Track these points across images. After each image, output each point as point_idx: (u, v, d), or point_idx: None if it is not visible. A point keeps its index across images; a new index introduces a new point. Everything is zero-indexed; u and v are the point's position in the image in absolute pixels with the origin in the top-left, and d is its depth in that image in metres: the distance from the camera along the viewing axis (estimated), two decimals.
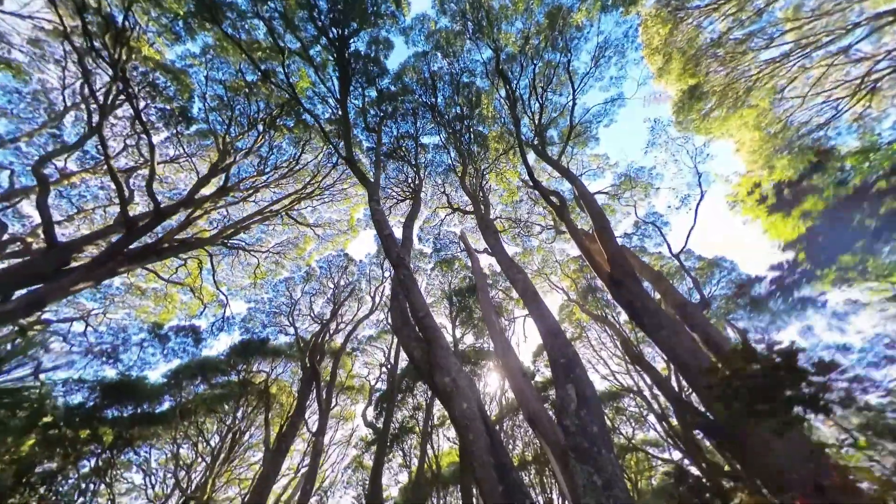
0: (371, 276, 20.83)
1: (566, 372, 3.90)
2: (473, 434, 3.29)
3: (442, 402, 3.89)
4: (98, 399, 13.23)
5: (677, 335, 4.49)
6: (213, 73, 13.02)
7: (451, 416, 3.76)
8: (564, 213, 8.34)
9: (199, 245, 9.55)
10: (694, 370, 3.94)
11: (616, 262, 6.08)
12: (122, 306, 14.33)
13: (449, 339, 22.15)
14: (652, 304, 5.16)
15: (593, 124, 14.80)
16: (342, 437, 22.43)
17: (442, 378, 3.91)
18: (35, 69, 10.75)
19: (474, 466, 2.94)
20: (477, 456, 2.98)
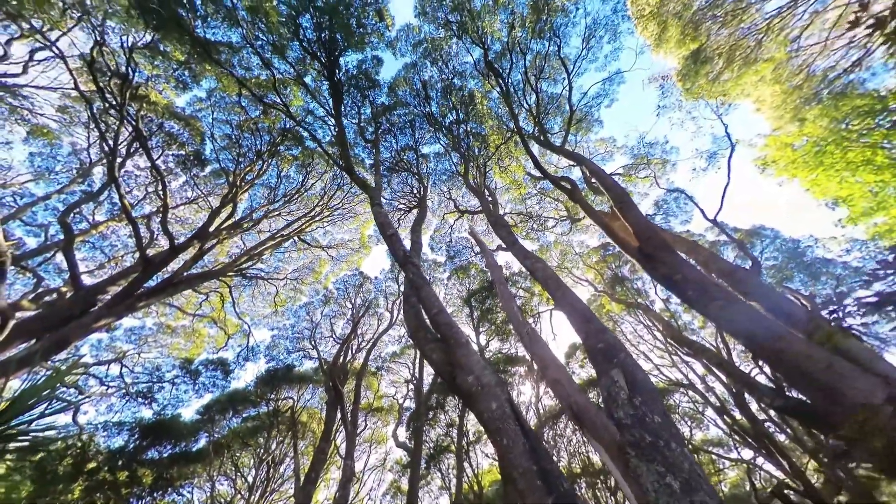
0: (388, 292, 20.69)
1: (608, 358, 3.36)
2: (507, 437, 2.80)
3: (468, 406, 3.39)
4: (137, 441, 13.53)
5: (735, 305, 3.82)
6: (220, 114, 13.81)
7: (480, 419, 3.27)
8: (577, 195, 7.82)
9: (215, 276, 9.76)
10: (765, 341, 3.27)
11: (644, 235, 5.48)
12: (154, 346, 14.83)
13: (474, 347, 21.37)
14: (695, 273, 4.52)
15: (594, 107, 14.32)
16: (376, 461, 21.72)
17: (464, 378, 3.45)
18: (65, 133, 11.77)
19: (514, 476, 2.44)
20: (515, 463, 2.49)
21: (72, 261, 7.02)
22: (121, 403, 12.82)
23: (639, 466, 2.18)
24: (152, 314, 14.87)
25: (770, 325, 3.33)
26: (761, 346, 3.28)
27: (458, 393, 3.67)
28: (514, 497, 11.49)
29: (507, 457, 2.71)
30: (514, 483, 2.53)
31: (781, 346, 3.07)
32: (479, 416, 3.34)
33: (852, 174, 11.77)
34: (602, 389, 3.07)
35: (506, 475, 2.62)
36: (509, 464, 2.63)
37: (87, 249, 13.44)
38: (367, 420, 19.68)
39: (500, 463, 2.61)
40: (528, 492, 2.34)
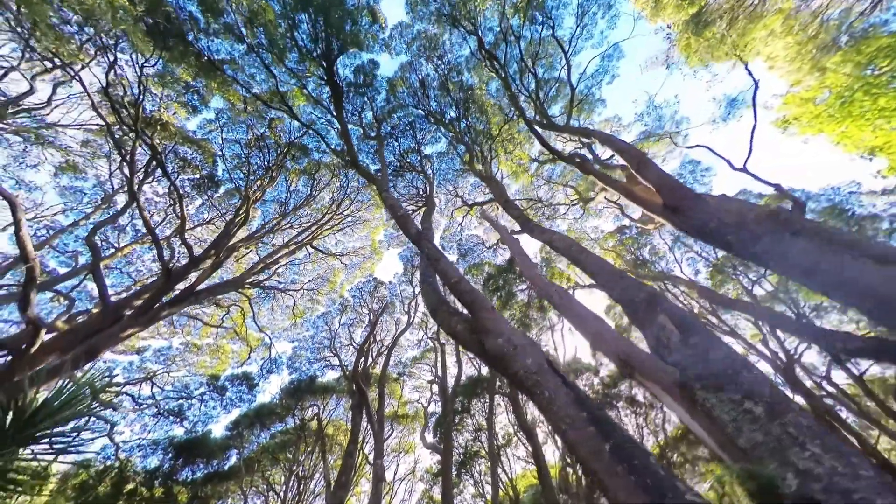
0: (403, 296, 20.62)
1: (651, 307, 3.06)
2: (548, 390, 2.54)
3: (501, 370, 3.13)
4: (172, 460, 13.73)
5: (786, 240, 3.44)
6: (229, 133, 14.35)
7: (515, 379, 3.01)
8: (589, 167, 7.54)
9: (233, 286, 9.94)
10: (833, 271, 2.88)
11: (668, 189, 5.15)
12: (182, 364, 15.17)
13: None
14: (732, 216, 4.15)
15: (594, 87, 14.03)
16: (405, 470, 21.23)
17: (494, 341, 3.22)
18: (89, 167, 12.47)
19: (562, 429, 2.17)
20: (561, 415, 2.23)
21: (99, 279, 7.24)
22: (153, 423, 13.08)
23: (708, 399, 1.88)
24: (178, 333, 15.28)
25: (837, 254, 2.94)
26: (828, 277, 2.90)
27: (490, 359, 3.40)
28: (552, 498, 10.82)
29: (552, 409, 2.44)
30: (563, 436, 2.24)
31: (854, 275, 2.68)
32: (514, 378, 3.07)
33: (887, 121, 10.92)
34: (649, 339, 2.77)
35: (555, 429, 2.34)
36: (554, 417, 2.35)
37: (114, 276, 14.03)
38: (392, 426, 19.35)
39: (545, 417, 2.34)
40: (580, 442, 2.07)
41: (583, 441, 2.09)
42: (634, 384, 22.12)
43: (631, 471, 1.64)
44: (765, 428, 1.62)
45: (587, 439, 2.09)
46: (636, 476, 1.55)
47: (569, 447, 2.07)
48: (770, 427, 1.61)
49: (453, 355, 19.89)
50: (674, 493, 1.46)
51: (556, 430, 2.38)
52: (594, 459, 1.92)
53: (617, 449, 1.91)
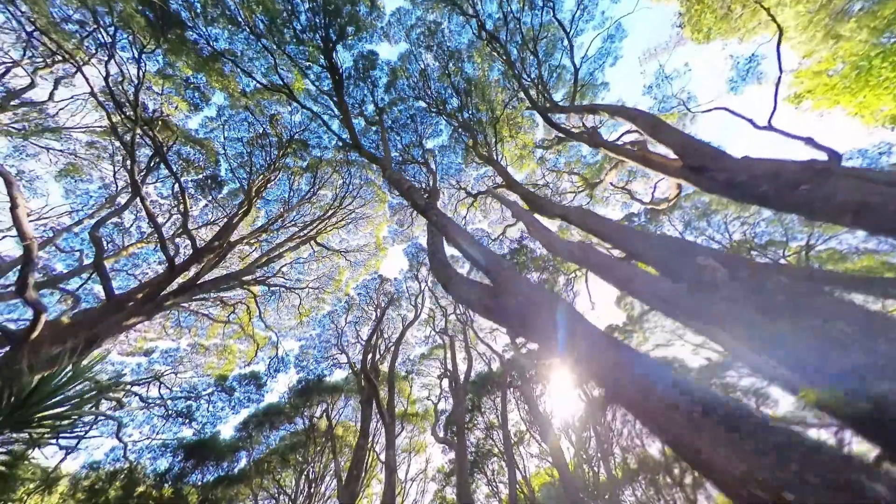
0: (409, 292, 20.41)
1: (685, 253, 2.78)
2: (585, 338, 2.29)
3: (524, 332, 2.85)
4: (182, 462, 13.60)
5: (829, 185, 3.15)
6: (231, 132, 14.35)
7: (545, 335, 2.72)
8: (598, 139, 7.27)
9: (238, 277, 9.83)
10: (883, 210, 2.59)
11: (689, 148, 4.86)
12: (190, 366, 15.08)
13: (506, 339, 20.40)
14: (763, 166, 3.86)
15: (597, 69, 13.75)
16: (416, 470, 20.86)
17: (515, 300, 2.96)
18: (94, 168, 12.52)
19: (613, 380, 1.90)
20: (603, 359, 1.97)
21: (103, 273, 7.13)
22: (162, 424, 12.98)
23: (782, 327, 1.61)
24: (186, 334, 15.20)
25: (889, 188, 2.64)
26: (882, 212, 2.60)
27: (510, 321, 3.11)
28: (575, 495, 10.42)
29: (589, 355, 2.16)
30: (613, 388, 1.95)
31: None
32: (541, 337, 2.77)
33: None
34: (689, 282, 2.49)
35: (602, 384, 2.06)
36: (598, 368, 2.08)
37: (121, 278, 14.04)
38: (402, 424, 19.04)
39: (588, 374, 2.04)
40: (635, 391, 1.78)
41: (638, 389, 1.81)
42: None
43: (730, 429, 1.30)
44: (857, 351, 1.35)
45: (633, 379, 1.81)
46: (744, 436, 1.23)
47: (624, 401, 1.78)
48: (871, 344, 1.34)
49: (462, 352, 19.58)
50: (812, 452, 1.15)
51: (603, 383, 2.08)
52: (649, 393, 1.64)
53: (701, 401, 1.60)
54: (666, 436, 1.38)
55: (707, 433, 1.35)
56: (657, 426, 1.44)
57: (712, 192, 4.57)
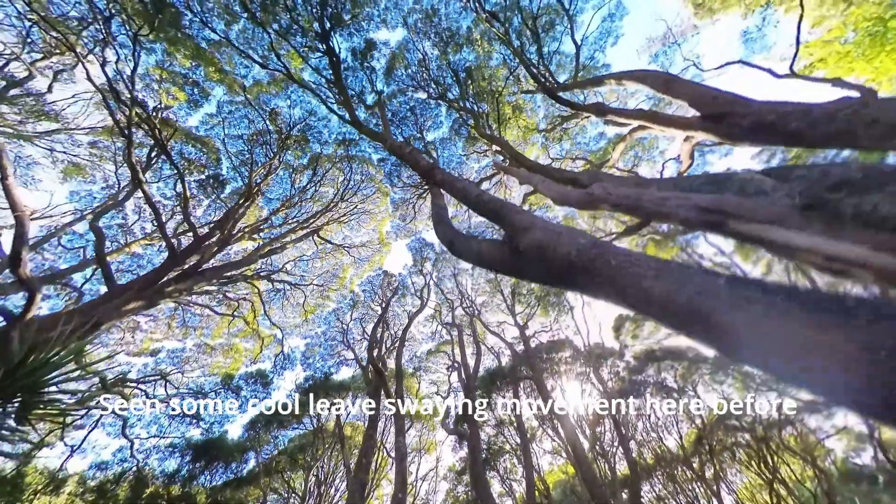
0: (414, 288, 20.21)
1: (717, 184, 2.51)
2: (615, 255, 2.03)
3: (544, 267, 2.55)
4: (190, 462, 13.45)
5: (871, 109, 2.86)
6: (231, 129, 14.34)
7: (567, 263, 2.45)
8: (606, 108, 7.01)
9: (240, 266, 9.71)
10: None
11: (706, 97, 4.58)
12: (196, 366, 14.98)
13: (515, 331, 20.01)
14: (792, 106, 3.57)
15: (598, 51, 13.50)
16: (427, 469, 20.47)
17: (532, 235, 2.70)
18: (97, 168, 12.57)
19: (671, 299, 1.62)
20: (655, 288, 1.70)
21: (103, 262, 7.03)
22: (169, 424, 12.85)
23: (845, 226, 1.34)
24: (192, 335, 15.12)
25: None
26: None
27: (528, 260, 2.82)
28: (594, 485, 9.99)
29: (638, 283, 1.90)
30: (664, 312, 1.67)
31: None
32: (564, 264, 2.49)
33: None
34: (721, 197, 2.22)
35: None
36: (643, 295, 1.80)
37: (126, 279, 14.03)
38: (412, 421, 18.70)
39: (624, 294, 1.77)
40: (711, 306, 1.49)
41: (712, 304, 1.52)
42: (662, 369, 20.97)
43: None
44: None
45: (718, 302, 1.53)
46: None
47: (682, 325, 1.49)
48: None
49: (471, 346, 19.25)
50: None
51: (650, 311, 1.78)
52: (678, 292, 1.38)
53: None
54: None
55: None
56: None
57: (735, 141, 4.27)
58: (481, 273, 21.11)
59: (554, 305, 18.46)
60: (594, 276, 2.20)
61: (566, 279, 2.47)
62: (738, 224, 1.92)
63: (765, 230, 1.71)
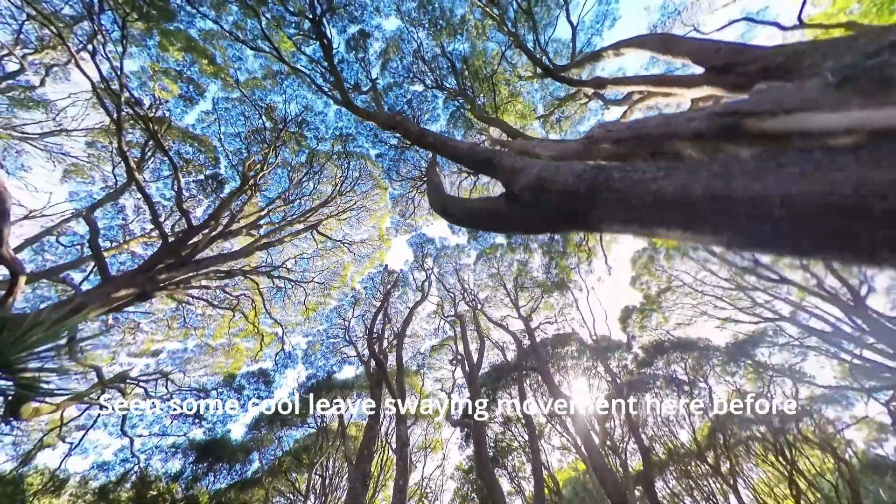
0: (415, 285, 20.02)
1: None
2: (618, 169, 1.76)
3: (542, 201, 2.30)
4: (194, 463, 13.29)
5: None
6: (228, 127, 14.32)
7: (565, 192, 2.17)
8: (606, 82, 6.79)
9: (237, 257, 9.59)
10: None
11: (710, 51, 4.34)
12: (198, 366, 14.87)
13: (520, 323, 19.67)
14: (804, 46, 3.33)
15: (595, 35, 13.30)
16: (433, 468, 20.12)
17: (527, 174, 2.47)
18: (95, 169, 12.60)
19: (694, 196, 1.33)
20: (654, 177, 1.44)
21: (97, 252, 6.92)
22: (170, 423, 12.71)
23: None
24: (193, 335, 15.02)
25: None
26: None
27: (523, 206, 2.57)
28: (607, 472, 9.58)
29: (647, 189, 1.62)
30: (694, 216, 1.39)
31: None
32: (562, 198, 2.21)
33: None
34: (734, 101, 1.98)
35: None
36: (655, 201, 1.53)
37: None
38: (416, 419, 18.41)
39: (636, 220, 1.48)
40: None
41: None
42: (672, 361, 20.47)
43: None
44: None
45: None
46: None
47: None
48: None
49: (475, 342, 18.96)
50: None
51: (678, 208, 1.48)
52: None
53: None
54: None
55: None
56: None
57: (745, 91, 4.02)
58: (483, 268, 20.85)
59: (559, 287, 18.02)
60: (597, 199, 1.96)
61: (567, 215, 2.23)
62: (759, 121, 1.68)
63: (792, 121, 1.47)
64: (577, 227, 2.40)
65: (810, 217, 1.20)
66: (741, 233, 1.47)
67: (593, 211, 2.09)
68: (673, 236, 1.94)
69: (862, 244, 1.03)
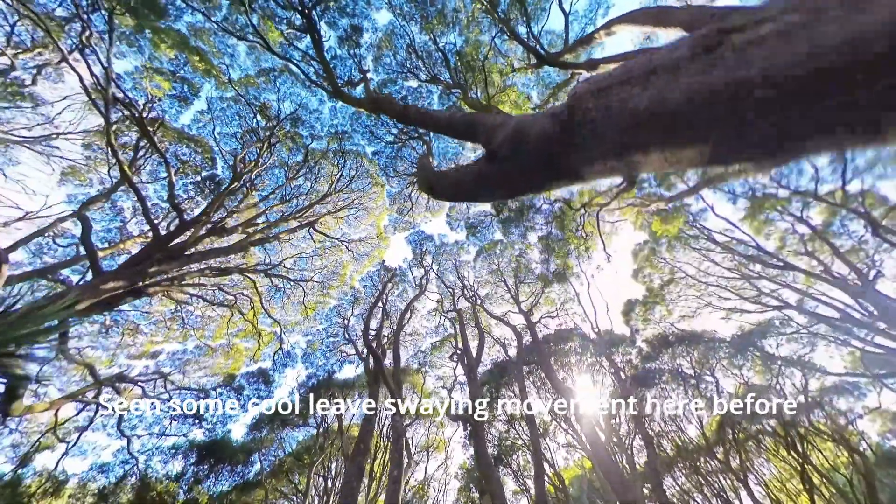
0: (415, 280, 19.92)
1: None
2: (593, 102, 1.66)
3: (523, 152, 2.17)
4: (194, 465, 13.20)
5: None
6: (223, 127, 14.35)
7: (542, 136, 2.07)
8: (597, 62, 6.67)
9: (230, 252, 9.52)
10: None
11: (701, 19, 4.21)
12: (197, 367, 14.82)
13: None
14: None
15: (588, 25, 13.18)
16: (437, 467, 19.88)
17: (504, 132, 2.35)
18: (92, 170, 12.66)
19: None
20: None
21: (90, 249, 6.89)
22: (169, 424, 12.65)
23: None
24: (192, 336, 14.98)
25: None
26: None
27: (503, 162, 2.45)
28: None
29: (625, 109, 1.53)
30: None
31: None
32: (540, 144, 2.11)
33: None
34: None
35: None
36: (635, 121, 1.44)
37: None
38: (418, 418, 18.21)
39: (620, 148, 1.38)
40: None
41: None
42: (677, 355, 20.11)
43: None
44: None
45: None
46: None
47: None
48: None
49: (475, 340, 18.77)
50: None
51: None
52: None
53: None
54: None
55: None
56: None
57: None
58: (483, 265, 20.69)
59: (559, 280, 17.77)
60: (574, 135, 1.83)
61: (546, 162, 2.10)
62: (745, 35, 1.54)
63: (769, 26, 1.32)
64: (557, 176, 2.25)
65: (797, 89, 1.04)
66: (722, 131, 1.32)
67: (571, 152, 1.96)
68: (652, 162, 1.78)
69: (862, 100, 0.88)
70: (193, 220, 8.64)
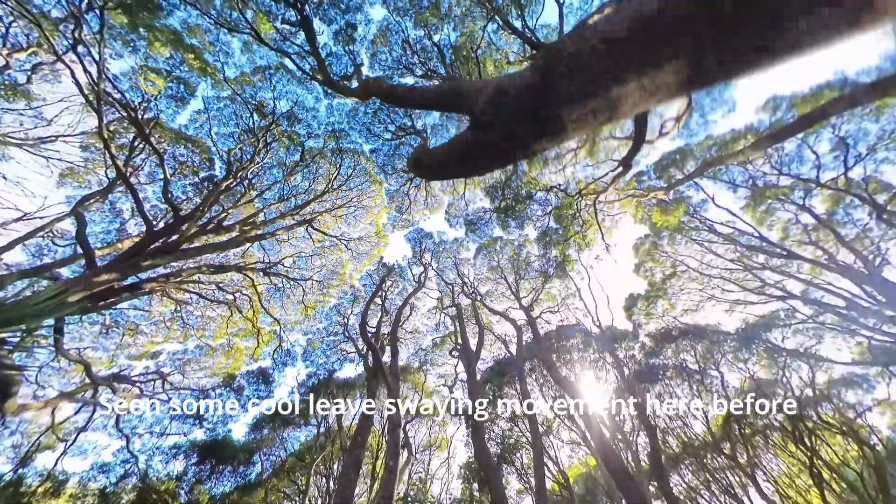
0: (415, 277, 19.86)
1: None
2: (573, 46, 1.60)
3: (505, 110, 2.13)
4: (196, 465, 13.15)
5: None
6: (220, 128, 14.39)
7: (523, 90, 2.01)
8: None
9: (226, 247, 9.50)
10: None
11: None
12: (198, 367, 14.80)
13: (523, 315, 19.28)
14: None
15: (583, 15, 13.12)
16: (440, 466, 19.72)
17: (486, 95, 2.28)
18: (91, 171, 12.72)
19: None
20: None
21: (86, 245, 6.89)
22: (169, 423, 12.61)
23: None
24: (192, 336, 14.97)
25: None
26: None
27: (487, 126, 2.38)
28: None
29: (586, 42, 1.47)
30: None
31: None
32: (522, 100, 2.06)
33: None
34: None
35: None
36: (596, 54, 1.41)
37: None
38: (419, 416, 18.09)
39: (596, 87, 1.31)
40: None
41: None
42: (681, 350, 19.86)
43: None
44: None
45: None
46: None
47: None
48: None
49: (475, 337, 18.64)
50: None
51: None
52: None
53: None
54: None
55: None
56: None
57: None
58: (483, 262, 20.58)
59: (560, 274, 17.62)
60: (553, 83, 1.76)
61: (528, 117, 2.03)
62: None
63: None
64: (541, 132, 2.17)
65: None
66: (697, 36, 1.23)
67: (551, 98, 1.88)
68: (632, 95, 1.69)
69: None
70: (188, 215, 8.63)
